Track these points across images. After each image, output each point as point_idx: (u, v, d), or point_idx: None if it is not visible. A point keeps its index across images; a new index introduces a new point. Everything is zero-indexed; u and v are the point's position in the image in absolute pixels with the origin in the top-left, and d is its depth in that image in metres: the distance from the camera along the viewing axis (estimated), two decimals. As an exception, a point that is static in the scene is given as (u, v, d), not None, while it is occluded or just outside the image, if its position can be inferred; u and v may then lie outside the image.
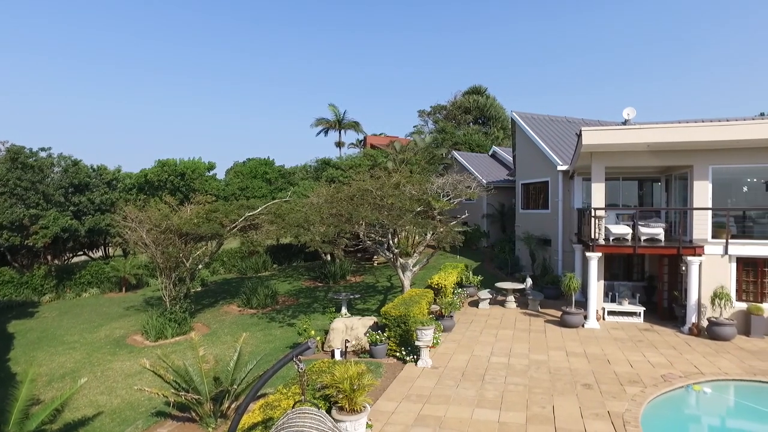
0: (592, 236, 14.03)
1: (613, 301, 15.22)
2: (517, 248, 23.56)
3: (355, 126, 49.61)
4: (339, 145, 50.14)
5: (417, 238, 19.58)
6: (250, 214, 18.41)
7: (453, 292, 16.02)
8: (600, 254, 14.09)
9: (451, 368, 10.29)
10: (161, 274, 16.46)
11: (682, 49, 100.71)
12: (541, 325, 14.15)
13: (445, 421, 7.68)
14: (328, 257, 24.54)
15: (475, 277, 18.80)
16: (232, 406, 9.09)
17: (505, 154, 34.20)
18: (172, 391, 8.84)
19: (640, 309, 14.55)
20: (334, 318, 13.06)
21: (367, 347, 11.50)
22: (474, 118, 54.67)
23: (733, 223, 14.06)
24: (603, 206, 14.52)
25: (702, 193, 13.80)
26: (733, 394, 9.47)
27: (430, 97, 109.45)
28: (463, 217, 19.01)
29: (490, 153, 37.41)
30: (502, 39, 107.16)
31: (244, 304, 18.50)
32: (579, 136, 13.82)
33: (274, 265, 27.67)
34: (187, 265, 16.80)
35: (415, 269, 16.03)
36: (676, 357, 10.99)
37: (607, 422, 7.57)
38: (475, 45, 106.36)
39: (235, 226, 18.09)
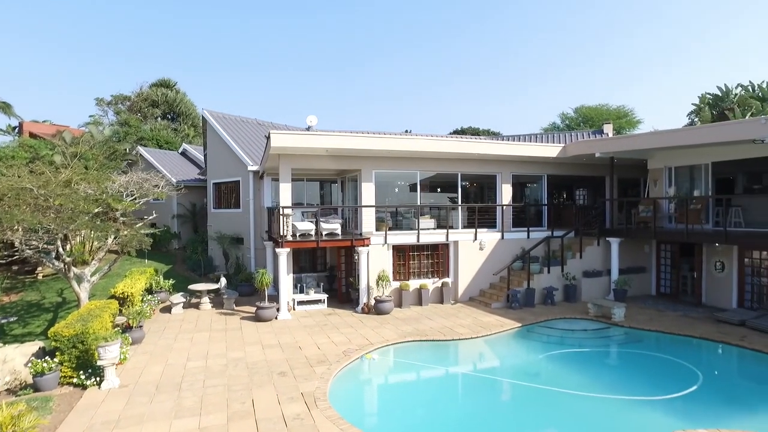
0: (281, 233, 15.01)
1: (301, 291, 16.63)
2: (210, 248, 23.13)
3: (6, 108, 38.68)
4: (-20, 131, 38.30)
5: (96, 243, 16.97)
6: None
7: (142, 300, 14.67)
8: (288, 249, 15.18)
9: (143, 383, 9.38)
10: None
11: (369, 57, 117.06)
12: (237, 322, 14.31)
13: (137, 444, 6.97)
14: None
15: (167, 281, 17.59)
16: None
17: (196, 152, 33.19)
18: None
19: (324, 296, 16.36)
20: (-24, 353, 10.09)
21: (31, 380, 9.34)
22: (163, 112, 50.63)
23: (390, 217, 17.37)
24: (290, 205, 15.68)
25: (368, 193, 16.51)
26: (393, 355, 11.72)
27: (110, 86, 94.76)
28: (151, 218, 17.58)
29: (180, 151, 35.72)
30: (195, 35, 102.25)
31: None
32: (268, 138, 14.57)
33: None
34: None
35: (94, 279, 13.90)
36: (353, 334, 12.86)
37: (301, 403, 8.29)
38: (164, 36, 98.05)
39: None
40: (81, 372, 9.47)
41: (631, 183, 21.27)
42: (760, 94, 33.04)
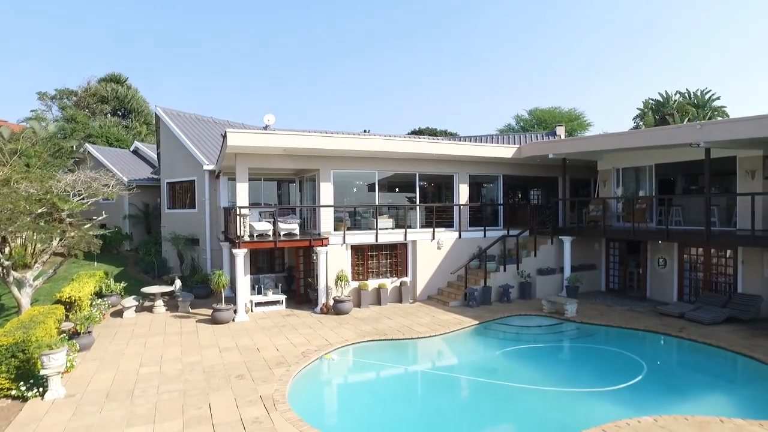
0: (238, 233, 14.74)
1: (259, 293, 16.39)
2: (164, 250, 22.41)
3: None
4: None
5: (39, 245, 16.14)
6: None
7: (91, 304, 14.06)
8: (246, 250, 14.93)
9: (92, 391, 9.01)
10: None
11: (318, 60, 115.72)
12: (192, 325, 13.95)
13: (87, 454, 6.69)
14: None
15: (118, 284, 16.92)
16: None
17: (149, 150, 32.04)
18: None
19: (282, 297, 16.20)
20: None
21: (-38, 394, 8.77)
22: (113, 109, 48.45)
23: (349, 217, 17.36)
24: (247, 205, 15.43)
25: (327, 193, 16.46)
26: (352, 354, 11.74)
27: (54, 80, 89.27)
28: (101, 218, 16.87)
29: (132, 149, 34.45)
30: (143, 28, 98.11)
31: None
32: (224, 137, 14.27)
33: None
34: None
35: (36, 283, 13.22)
36: (312, 334, 12.79)
37: (259, 406, 8.18)
38: (113, 30, 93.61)
39: None
40: (21, 383, 8.89)
41: (583, 183, 22.12)
42: (695, 101, 35.19)
